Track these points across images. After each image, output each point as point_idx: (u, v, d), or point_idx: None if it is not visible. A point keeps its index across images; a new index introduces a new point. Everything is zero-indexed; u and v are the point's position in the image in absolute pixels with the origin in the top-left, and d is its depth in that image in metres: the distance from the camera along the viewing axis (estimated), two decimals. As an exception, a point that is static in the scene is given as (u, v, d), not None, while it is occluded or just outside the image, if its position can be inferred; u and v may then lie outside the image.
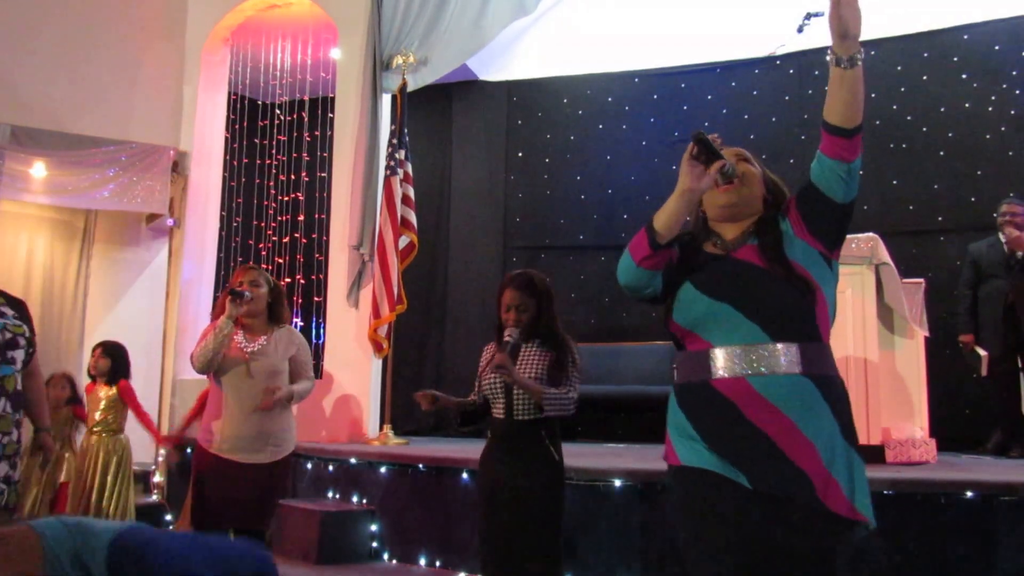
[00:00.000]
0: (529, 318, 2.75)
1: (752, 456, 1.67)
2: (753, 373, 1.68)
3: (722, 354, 1.72)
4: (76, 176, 6.10)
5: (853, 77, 1.63)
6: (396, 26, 5.93)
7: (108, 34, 6.47)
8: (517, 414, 2.71)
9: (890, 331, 4.24)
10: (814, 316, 1.73)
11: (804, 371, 1.68)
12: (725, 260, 1.81)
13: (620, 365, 6.41)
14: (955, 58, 6.09)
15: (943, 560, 3.02)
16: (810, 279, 1.73)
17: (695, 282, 1.78)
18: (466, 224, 7.19)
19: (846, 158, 1.68)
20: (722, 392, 1.71)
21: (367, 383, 5.69)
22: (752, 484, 1.65)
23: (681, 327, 1.80)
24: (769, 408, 1.67)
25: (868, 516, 1.67)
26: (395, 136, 5.72)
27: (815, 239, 1.78)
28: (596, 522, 3.53)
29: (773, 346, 1.69)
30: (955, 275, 5.77)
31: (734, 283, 1.75)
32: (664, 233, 1.74)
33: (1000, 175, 5.84)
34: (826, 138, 1.69)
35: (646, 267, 1.78)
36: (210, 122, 6.69)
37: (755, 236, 1.83)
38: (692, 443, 1.74)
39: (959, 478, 3.21)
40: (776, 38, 6.39)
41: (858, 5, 1.60)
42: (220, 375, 3.29)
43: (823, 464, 1.65)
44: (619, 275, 1.84)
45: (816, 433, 1.66)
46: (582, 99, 7.16)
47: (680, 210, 1.74)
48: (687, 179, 1.73)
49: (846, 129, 1.66)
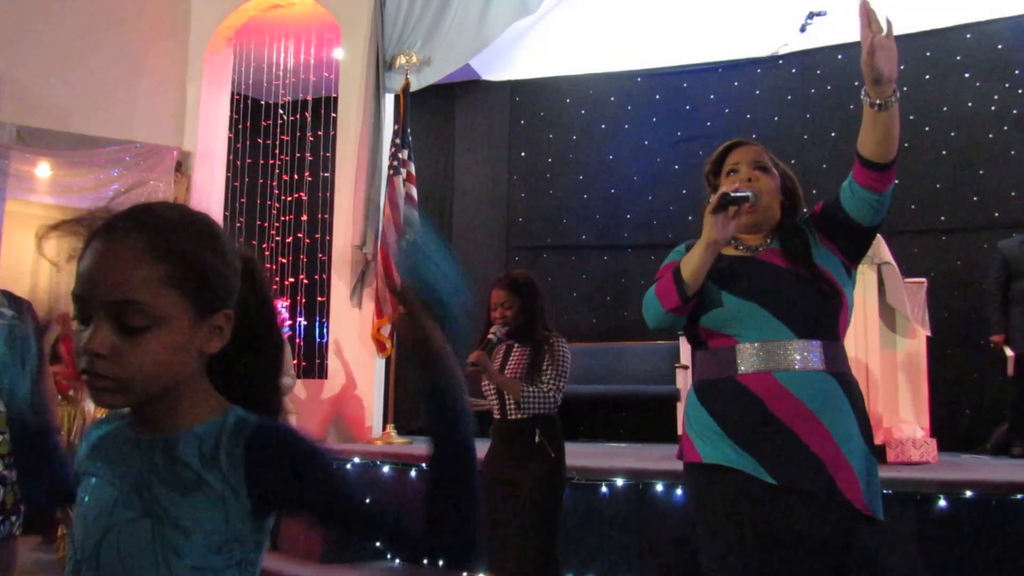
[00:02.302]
0: (514, 315, 2.79)
1: (776, 450, 1.70)
2: (779, 368, 1.71)
3: (748, 350, 1.75)
4: (81, 176, 6.12)
5: (888, 117, 1.66)
6: (399, 26, 5.95)
7: (112, 34, 6.49)
8: (509, 414, 2.77)
9: (892, 331, 4.24)
10: (838, 318, 1.79)
11: (827, 368, 1.73)
12: (749, 261, 1.84)
13: (621, 364, 6.42)
14: (958, 57, 6.09)
15: (944, 560, 3.03)
16: (835, 282, 1.77)
17: (720, 284, 1.81)
18: (469, 224, 7.20)
19: (877, 189, 1.71)
20: (748, 387, 1.73)
21: (370, 383, 5.71)
22: (775, 478, 1.68)
23: (706, 328, 1.83)
24: (795, 403, 1.70)
25: (878, 513, 1.71)
26: (398, 136, 5.73)
27: (838, 251, 1.82)
28: (596, 521, 3.54)
29: (798, 342, 1.72)
30: (956, 275, 5.78)
31: (761, 283, 1.78)
32: (692, 284, 1.76)
33: (1003, 174, 5.84)
34: (858, 168, 1.71)
35: (676, 314, 1.81)
36: (213, 122, 6.70)
37: (778, 240, 1.86)
38: (715, 440, 1.76)
39: (960, 478, 3.22)
40: (779, 38, 6.39)
41: (895, 52, 1.61)
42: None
43: (845, 459, 1.69)
44: (648, 318, 1.87)
45: (838, 429, 1.70)
46: (584, 99, 7.16)
47: (707, 263, 1.76)
48: (712, 231, 1.74)
49: (879, 164, 1.69)
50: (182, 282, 0.88)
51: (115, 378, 0.86)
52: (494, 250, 7.11)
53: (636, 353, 6.41)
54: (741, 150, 1.91)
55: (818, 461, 1.67)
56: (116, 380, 0.86)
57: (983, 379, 5.51)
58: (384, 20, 5.92)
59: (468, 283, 0.95)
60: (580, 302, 6.86)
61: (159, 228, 0.89)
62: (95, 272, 0.87)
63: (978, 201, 5.91)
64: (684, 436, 1.87)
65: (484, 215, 7.19)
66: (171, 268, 0.88)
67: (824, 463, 1.67)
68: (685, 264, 1.78)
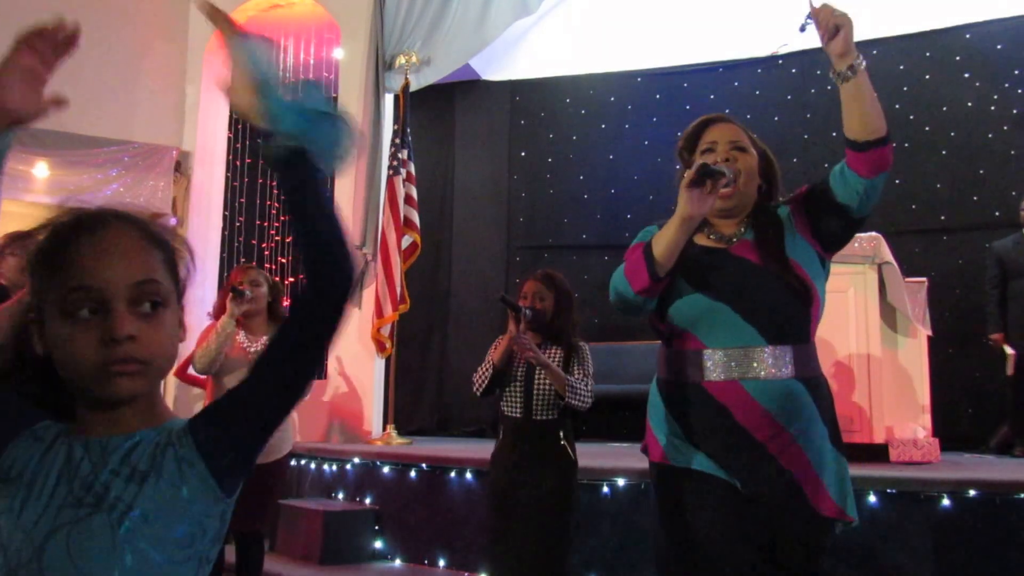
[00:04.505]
0: (546, 307, 2.76)
1: (744, 461, 1.67)
2: (747, 376, 1.66)
3: (716, 356, 1.68)
4: (79, 176, 6.11)
5: (857, 84, 1.62)
6: (399, 26, 5.94)
7: (111, 34, 6.47)
8: (536, 414, 2.70)
9: (893, 330, 4.24)
10: (809, 318, 1.72)
11: (796, 374, 1.67)
12: (721, 255, 1.77)
13: (623, 364, 6.40)
14: (957, 57, 6.08)
15: (946, 560, 3.02)
16: (807, 279, 1.70)
17: (692, 280, 1.73)
18: (469, 224, 7.19)
19: (861, 173, 1.65)
20: (714, 395, 1.68)
21: (370, 383, 5.69)
22: (744, 489, 1.66)
23: (675, 326, 1.76)
24: (762, 413, 1.66)
25: (853, 515, 1.70)
26: (398, 136, 5.73)
27: (814, 238, 1.75)
28: (597, 521, 3.53)
29: (769, 349, 1.66)
30: (957, 274, 5.78)
31: (732, 283, 1.72)
32: (664, 263, 1.69)
33: (1002, 174, 5.84)
34: (848, 152, 1.67)
35: (644, 296, 1.73)
36: (213, 122, 6.69)
37: (752, 229, 1.79)
38: (681, 443, 1.73)
39: (962, 477, 3.21)
40: (778, 37, 6.38)
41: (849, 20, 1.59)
42: (221, 375, 3.29)
43: (813, 469, 1.67)
44: (613, 298, 1.79)
45: (807, 439, 1.67)
46: (585, 99, 7.15)
47: (681, 238, 1.68)
48: (688, 206, 1.66)
49: (865, 142, 1.64)
50: (172, 267, 0.95)
51: (142, 360, 0.89)
52: (494, 250, 7.10)
53: (637, 353, 6.39)
54: (718, 128, 1.84)
55: (786, 474, 1.65)
56: (142, 362, 0.89)
57: (984, 378, 5.50)
58: (384, 20, 5.91)
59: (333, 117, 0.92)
60: (580, 302, 6.73)
61: (139, 221, 0.95)
62: (111, 258, 0.89)
63: (978, 201, 5.90)
64: (649, 432, 1.82)
65: (484, 215, 7.18)
66: (164, 254, 0.95)
67: (793, 475, 1.65)
68: (657, 241, 1.70)
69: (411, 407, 6.65)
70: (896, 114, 6.18)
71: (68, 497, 0.87)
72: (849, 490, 1.70)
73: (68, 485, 0.88)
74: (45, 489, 0.88)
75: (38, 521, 0.86)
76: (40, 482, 0.89)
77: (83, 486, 0.88)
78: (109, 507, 0.87)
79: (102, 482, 0.88)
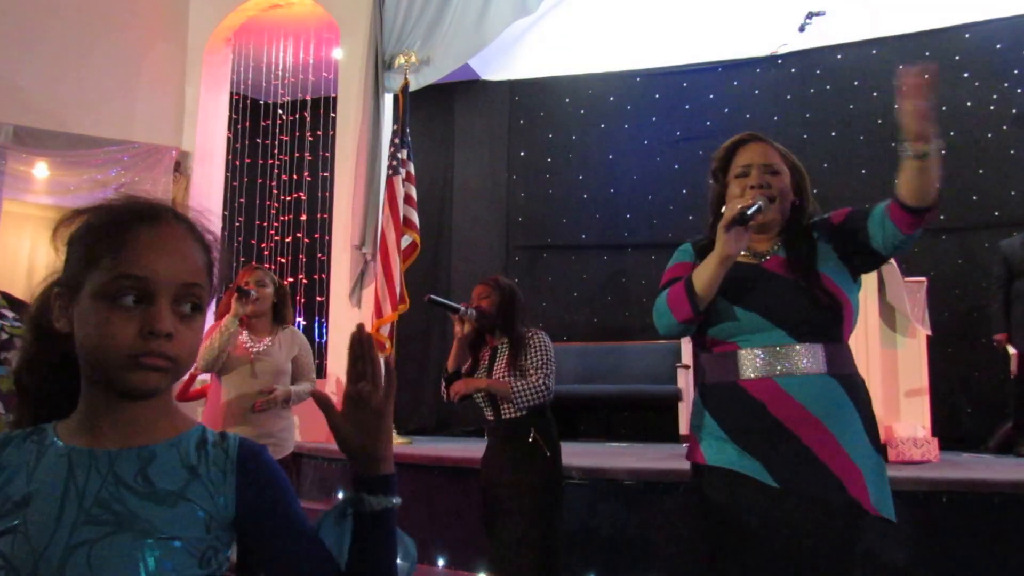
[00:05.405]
0: (489, 304, 2.85)
1: (780, 455, 1.70)
2: (780, 373, 1.72)
3: (748, 355, 1.75)
4: (78, 176, 6.11)
5: (927, 164, 1.65)
6: (398, 26, 5.94)
7: (110, 34, 6.48)
8: (504, 413, 2.79)
9: (892, 330, 4.24)
10: (840, 323, 1.77)
11: (829, 371, 1.72)
12: (755, 269, 1.83)
13: (622, 364, 6.41)
14: (956, 57, 6.09)
15: (946, 559, 3.02)
16: (838, 294, 1.75)
17: (728, 296, 1.80)
18: (468, 224, 7.19)
19: (903, 231, 1.71)
20: (750, 392, 1.74)
21: (370, 383, 5.68)
22: (779, 482, 1.68)
23: (712, 337, 1.84)
24: (796, 407, 1.70)
25: (890, 514, 1.71)
26: (397, 136, 5.73)
27: (845, 263, 1.81)
28: (598, 521, 3.53)
29: (799, 347, 1.72)
30: (956, 274, 5.78)
31: (765, 295, 1.78)
32: (705, 297, 1.77)
33: (1002, 174, 5.84)
34: (893, 203, 1.71)
35: (688, 325, 1.81)
36: (212, 122, 6.70)
37: (784, 247, 1.85)
38: (720, 443, 1.77)
39: (961, 477, 3.22)
40: (778, 37, 6.39)
41: (928, 112, 1.64)
42: (223, 374, 3.30)
43: (850, 460, 1.68)
44: (659, 327, 1.87)
45: (842, 431, 1.70)
46: (584, 98, 7.16)
47: (721, 274, 1.76)
48: (726, 247, 1.73)
49: (911, 208, 1.68)
50: (210, 272, 0.96)
51: (172, 357, 0.89)
52: (494, 250, 7.10)
53: (636, 353, 6.40)
54: (751, 149, 1.89)
55: (822, 465, 1.67)
56: (172, 360, 0.89)
57: (983, 378, 5.51)
58: (383, 20, 5.91)
59: None
60: (580, 302, 6.86)
61: (190, 220, 0.95)
62: (165, 254, 0.90)
63: (978, 201, 5.91)
64: (691, 436, 1.88)
65: (484, 215, 7.18)
66: (207, 258, 0.95)
67: (828, 466, 1.67)
68: (698, 277, 1.78)
69: (410, 407, 6.65)
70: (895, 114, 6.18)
71: (80, 515, 0.85)
72: (887, 491, 1.72)
73: (78, 502, 0.85)
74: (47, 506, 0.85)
75: (50, 542, 0.84)
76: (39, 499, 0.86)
77: (97, 503, 0.86)
78: (131, 527, 0.85)
79: (117, 499, 0.86)
